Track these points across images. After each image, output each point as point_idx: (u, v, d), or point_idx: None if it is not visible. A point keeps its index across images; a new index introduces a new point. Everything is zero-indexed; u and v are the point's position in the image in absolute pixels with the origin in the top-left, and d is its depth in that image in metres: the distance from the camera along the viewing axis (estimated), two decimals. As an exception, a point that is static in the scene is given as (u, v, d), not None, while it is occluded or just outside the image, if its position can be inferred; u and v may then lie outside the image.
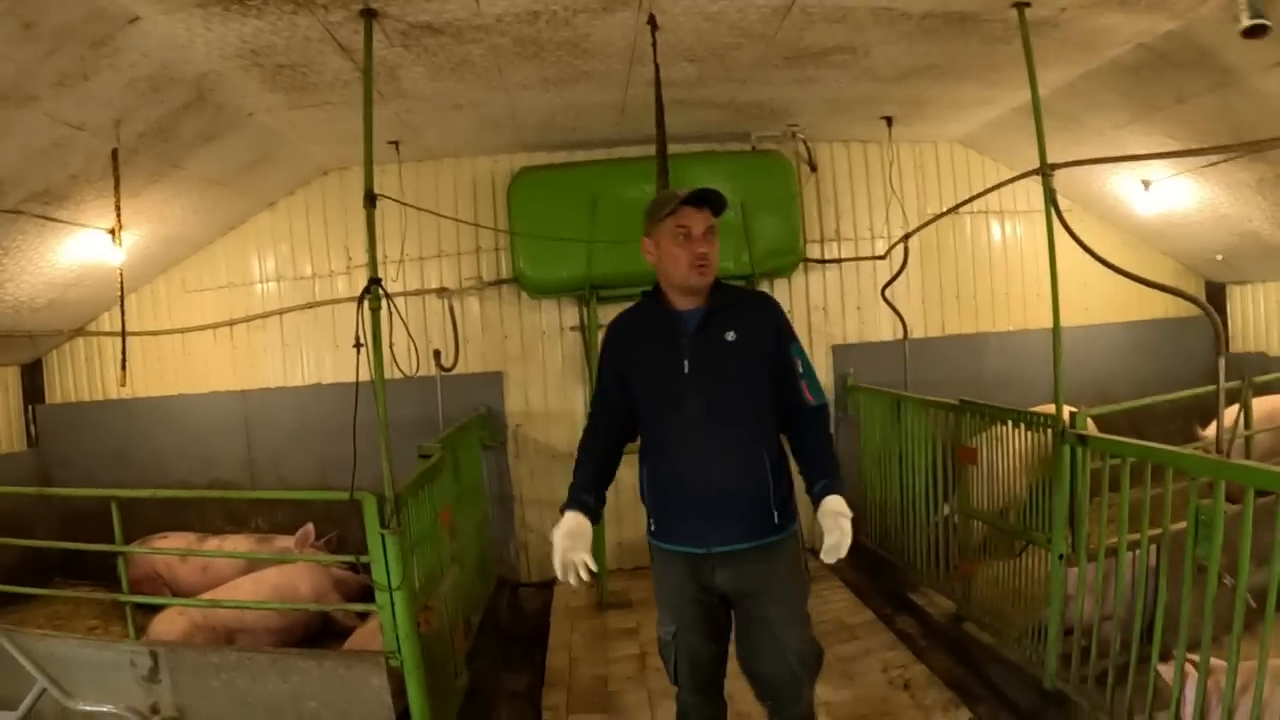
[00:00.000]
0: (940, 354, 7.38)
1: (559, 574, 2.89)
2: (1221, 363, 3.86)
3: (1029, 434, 4.59)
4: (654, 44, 4.14)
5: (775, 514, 3.05)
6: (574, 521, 2.95)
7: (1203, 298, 7.97)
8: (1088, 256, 4.50)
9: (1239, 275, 7.85)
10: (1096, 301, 7.80)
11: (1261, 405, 6.26)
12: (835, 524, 2.87)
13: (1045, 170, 4.31)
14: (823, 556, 2.86)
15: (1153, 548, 3.70)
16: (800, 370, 3.11)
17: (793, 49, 4.82)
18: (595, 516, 3.03)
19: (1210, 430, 6.01)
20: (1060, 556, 4.25)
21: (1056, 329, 4.39)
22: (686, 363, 3.00)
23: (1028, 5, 4.34)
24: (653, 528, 3.16)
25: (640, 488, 3.17)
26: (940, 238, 7.42)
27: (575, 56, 4.72)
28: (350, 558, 4.16)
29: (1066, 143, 6.56)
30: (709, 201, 3.02)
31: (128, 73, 3.98)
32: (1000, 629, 4.90)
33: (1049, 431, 4.32)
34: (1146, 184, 6.83)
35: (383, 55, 4.24)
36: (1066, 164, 4.45)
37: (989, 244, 7.68)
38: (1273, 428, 6.08)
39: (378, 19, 3.86)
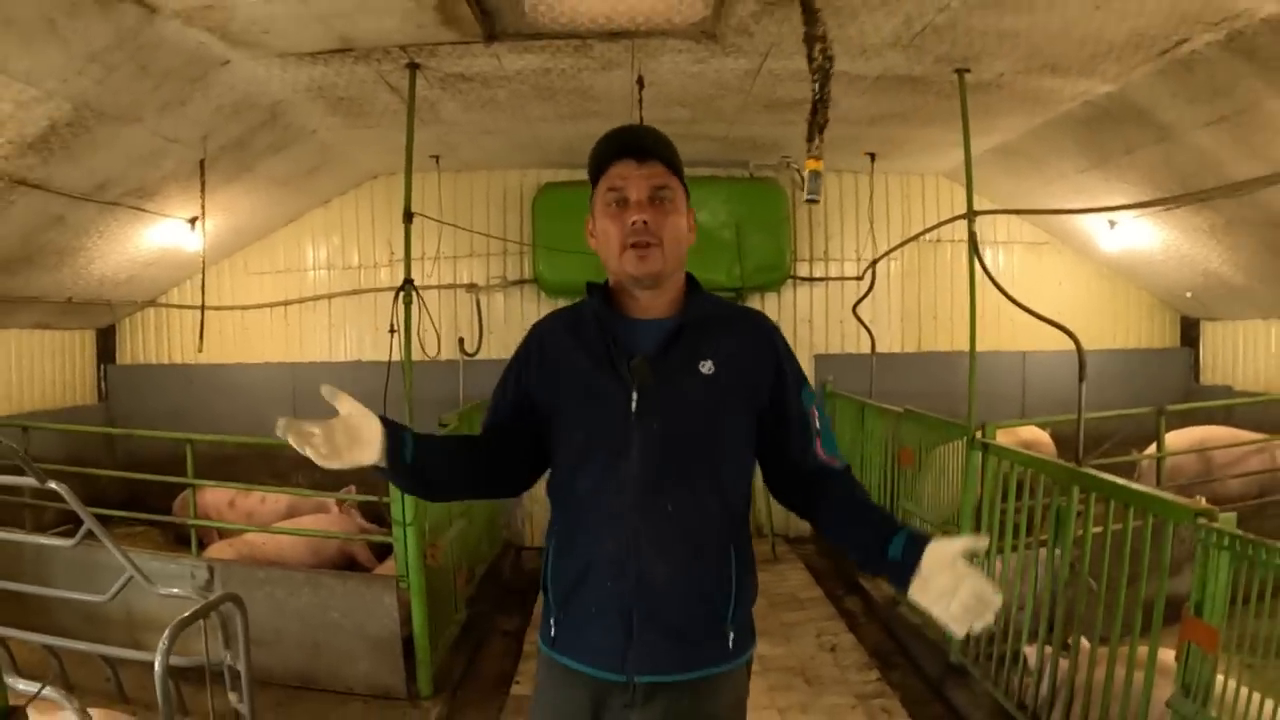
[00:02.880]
0: (915, 368, 8.08)
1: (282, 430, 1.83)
2: (1082, 388, 4.54)
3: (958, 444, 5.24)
4: (640, 100, 5.01)
5: (731, 634, 2.10)
6: (362, 418, 1.92)
7: (1178, 333, 8.71)
8: (1071, 285, 5.12)
9: (1210, 312, 8.38)
10: (1076, 328, 8.38)
11: (1198, 433, 6.99)
12: (962, 572, 1.78)
13: (970, 215, 5.06)
14: (953, 627, 1.80)
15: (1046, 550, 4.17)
16: (817, 426, 2.16)
17: (768, 100, 5.64)
18: (397, 443, 1.92)
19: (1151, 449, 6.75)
20: None
21: (973, 352, 5.20)
22: (635, 398, 2.01)
23: (968, 71, 5.07)
24: (551, 631, 2.13)
25: (542, 573, 2.18)
26: (922, 262, 8.17)
27: (584, 100, 5.58)
28: (375, 498, 5.14)
29: (1036, 183, 7.27)
30: (652, 150, 2.08)
31: (216, 100, 4.92)
32: (920, 608, 5.60)
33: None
34: (1112, 223, 7.43)
35: (424, 95, 5.10)
36: (988, 211, 5.20)
37: (964, 271, 8.25)
38: (1188, 450, 6.73)
39: (420, 69, 4.76)
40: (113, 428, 7.69)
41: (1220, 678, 2.86)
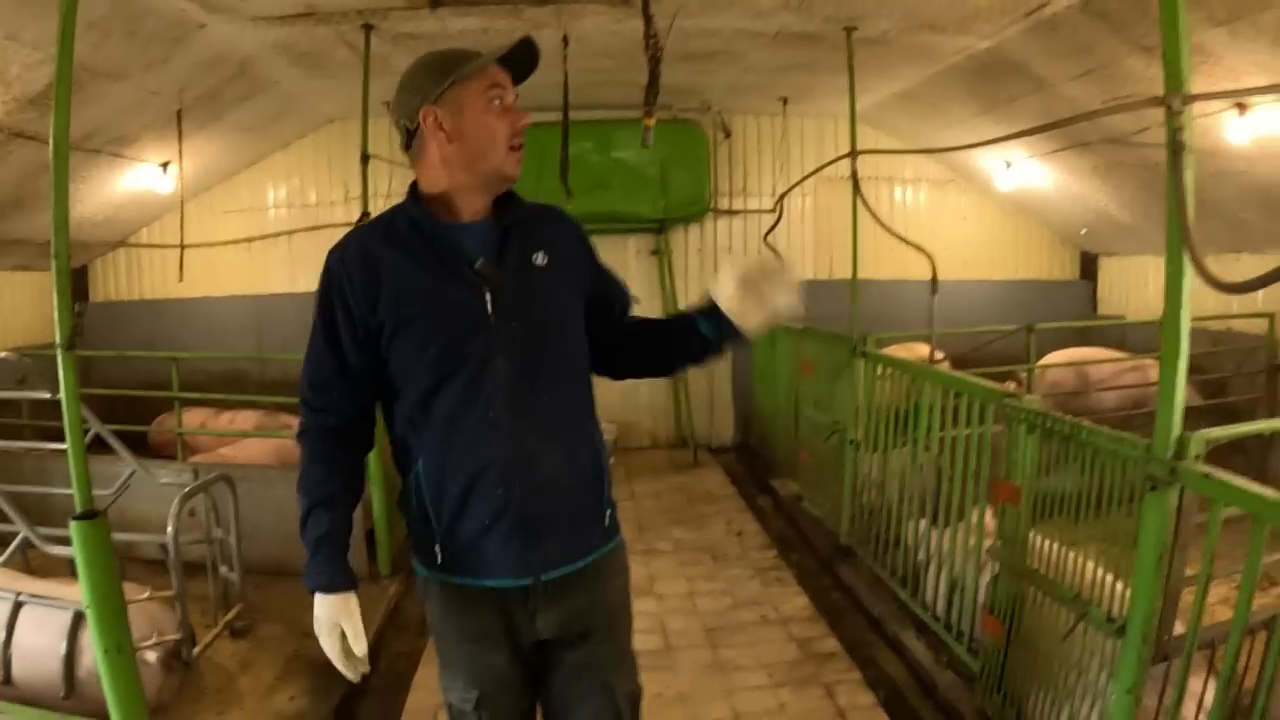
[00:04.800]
0: (825, 293, 8.63)
1: (351, 675, 2.08)
2: (934, 302, 5.27)
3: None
4: (565, 56, 5.75)
5: (607, 513, 2.22)
6: (344, 606, 2.02)
7: (1078, 267, 9.55)
8: (975, 220, 5.66)
9: (1106, 248, 9.20)
10: (980, 260, 9.32)
11: (1077, 353, 7.88)
12: (736, 280, 2.06)
13: (853, 154, 5.73)
14: (756, 317, 2.06)
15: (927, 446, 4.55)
16: (619, 279, 2.33)
17: (683, 53, 6.33)
18: (355, 585, 2.05)
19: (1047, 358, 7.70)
20: (850, 442, 5.58)
21: (854, 277, 5.87)
22: (489, 299, 2.01)
23: (855, 29, 5.69)
24: (438, 558, 2.10)
25: (407, 499, 2.12)
26: (833, 198, 8.82)
27: (520, 54, 6.22)
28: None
29: (938, 124, 7.98)
30: (525, 70, 2.15)
31: (193, 58, 5.55)
32: (818, 501, 6.41)
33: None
34: (1008, 164, 8.15)
35: (377, 50, 5.72)
36: (869, 151, 5.89)
37: (877, 205, 8.91)
38: (1061, 364, 7.66)
39: (374, 30, 5.43)
40: (83, 366, 8.02)
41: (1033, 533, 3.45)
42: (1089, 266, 9.54)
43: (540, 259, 2.09)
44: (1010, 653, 3.56)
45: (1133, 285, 8.90)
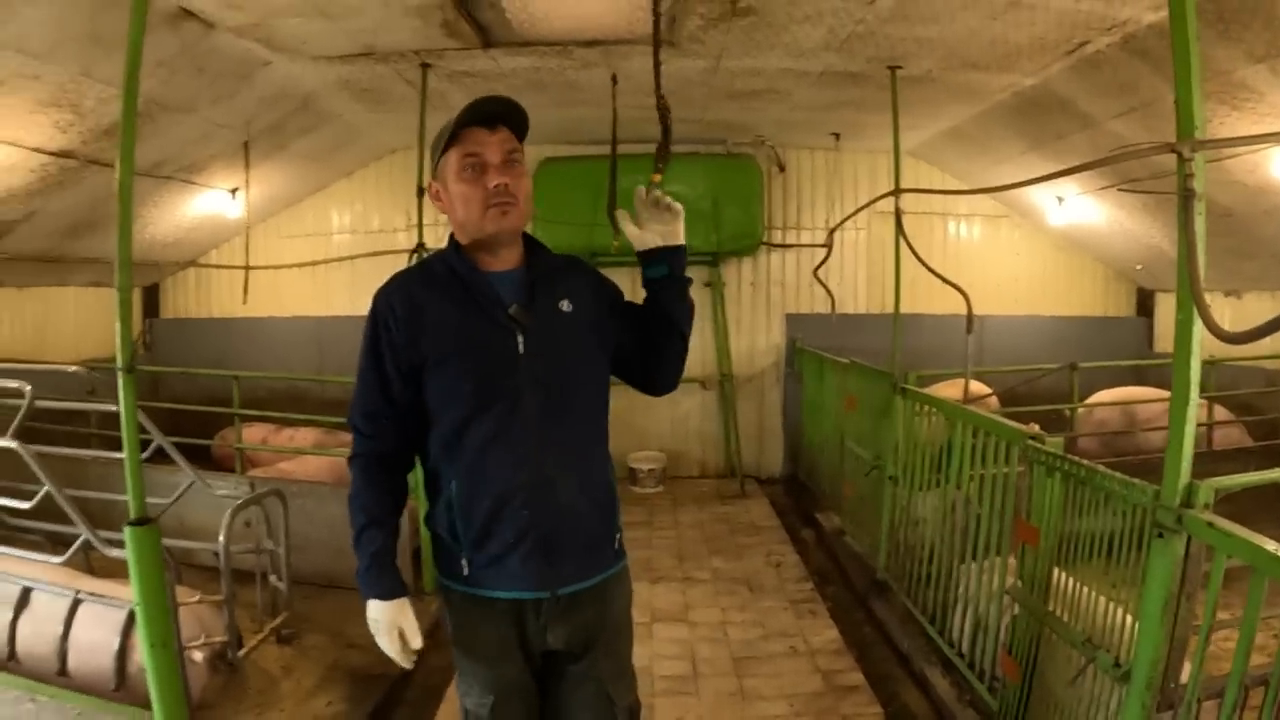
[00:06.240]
0: (878, 328, 8.51)
1: (406, 664, 2.33)
2: (969, 341, 5.30)
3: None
4: (614, 95, 5.91)
5: (616, 537, 2.45)
6: (401, 610, 2.28)
7: (1134, 304, 9.42)
8: (1029, 256, 5.77)
9: (1162, 284, 9.02)
10: (1034, 296, 9.23)
11: (1124, 392, 7.80)
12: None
13: (896, 191, 5.80)
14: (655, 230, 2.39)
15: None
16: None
17: (730, 91, 6.48)
18: (408, 591, 2.33)
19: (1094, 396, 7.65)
20: (889, 477, 5.56)
21: (896, 312, 5.94)
22: (520, 341, 2.22)
23: (900, 68, 5.77)
24: (464, 570, 2.30)
25: (437, 518, 2.33)
26: (888, 233, 8.76)
27: (571, 90, 6.45)
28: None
29: (987, 162, 8.01)
30: (503, 117, 2.24)
31: (258, 93, 5.85)
32: (859, 535, 6.41)
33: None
34: (1060, 200, 8.13)
35: (434, 87, 5.95)
36: (910, 190, 5.94)
37: (930, 240, 8.96)
38: (1106, 403, 7.60)
39: (430, 68, 5.68)
40: (152, 380, 8.58)
41: (1057, 570, 3.44)
42: (1145, 302, 9.38)
43: (566, 306, 2.31)
44: (1027, 694, 3.58)
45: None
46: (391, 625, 2.26)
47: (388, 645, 2.28)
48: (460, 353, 2.22)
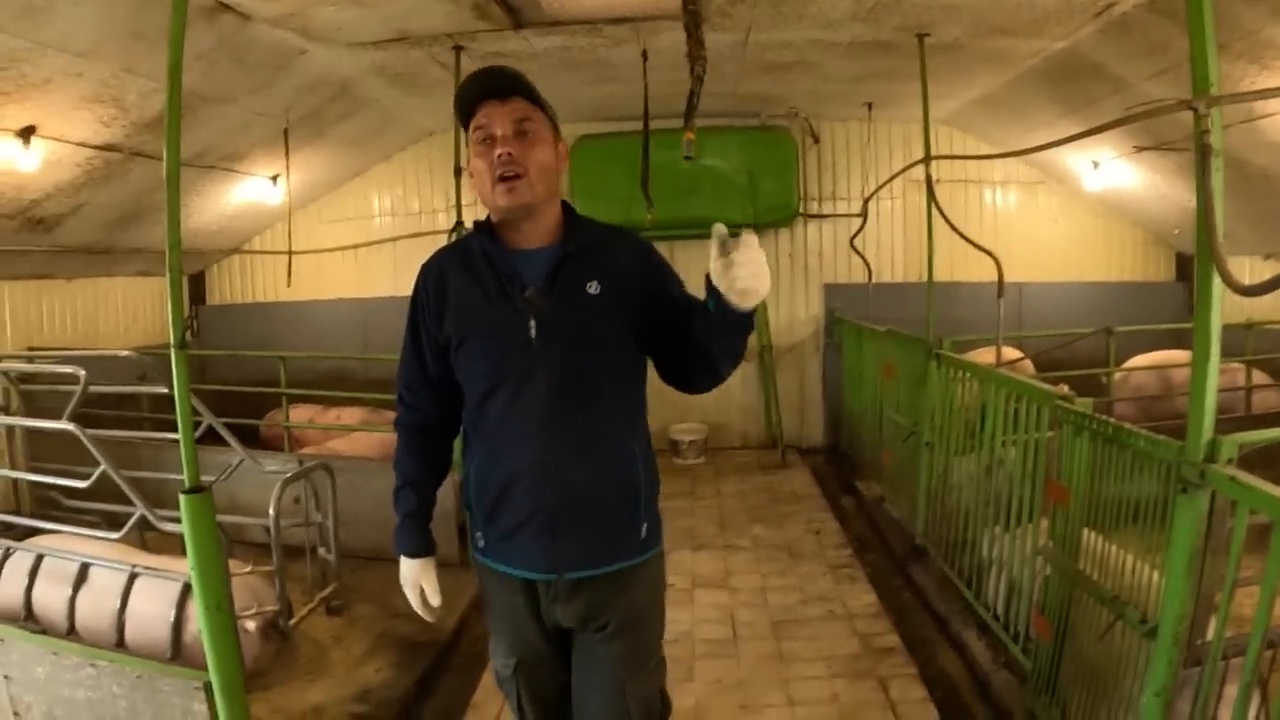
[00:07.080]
0: (915, 296, 8.59)
1: (430, 618, 2.49)
2: (1000, 305, 5.28)
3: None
4: (644, 71, 5.97)
5: (643, 526, 2.36)
6: (424, 568, 2.42)
7: (1174, 268, 9.31)
8: (1066, 221, 5.99)
9: None
10: (1072, 262, 9.16)
11: (1160, 355, 7.75)
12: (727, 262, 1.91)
13: (927, 159, 5.83)
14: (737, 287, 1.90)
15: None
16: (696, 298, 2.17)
17: (761, 63, 6.51)
18: (433, 551, 2.46)
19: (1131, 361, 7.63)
20: (926, 443, 5.64)
21: (930, 280, 6.01)
22: (533, 325, 2.18)
23: (928, 35, 5.78)
24: (480, 543, 2.38)
25: (465, 489, 2.39)
26: (924, 201, 8.75)
27: (603, 68, 6.51)
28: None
29: (1022, 129, 7.91)
30: (512, 88, 2.19)
31: (296, 82, 5.98)
32: (898, 502, 6.45)
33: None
34: (1095, 164, 8.04)
35: (468, 69, 6.00)
36: (942, 156, 5.96)
37: (966, 208, 8.92)
38: (1142, 367, 7.55)
39: (463, 50, 5.78)
40: (199, 366, 8.63)
41: (1087, 530, 3.45)
42: (1185, 267, 9.23)
43: (594, 288, 2.22)
44: (1060, 653, 3.63)
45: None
46: (415, 581, 2.42)
47: (411, 597, 2.45)
48: (477, 334, 2.25)
